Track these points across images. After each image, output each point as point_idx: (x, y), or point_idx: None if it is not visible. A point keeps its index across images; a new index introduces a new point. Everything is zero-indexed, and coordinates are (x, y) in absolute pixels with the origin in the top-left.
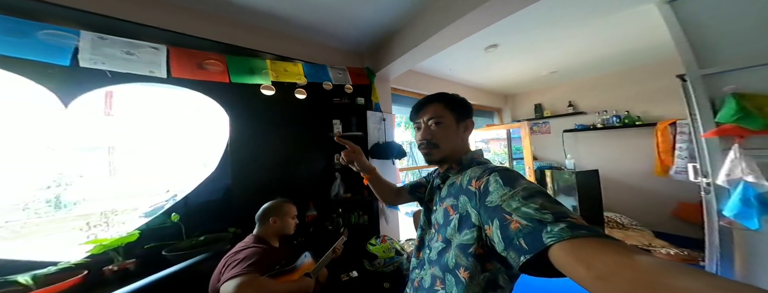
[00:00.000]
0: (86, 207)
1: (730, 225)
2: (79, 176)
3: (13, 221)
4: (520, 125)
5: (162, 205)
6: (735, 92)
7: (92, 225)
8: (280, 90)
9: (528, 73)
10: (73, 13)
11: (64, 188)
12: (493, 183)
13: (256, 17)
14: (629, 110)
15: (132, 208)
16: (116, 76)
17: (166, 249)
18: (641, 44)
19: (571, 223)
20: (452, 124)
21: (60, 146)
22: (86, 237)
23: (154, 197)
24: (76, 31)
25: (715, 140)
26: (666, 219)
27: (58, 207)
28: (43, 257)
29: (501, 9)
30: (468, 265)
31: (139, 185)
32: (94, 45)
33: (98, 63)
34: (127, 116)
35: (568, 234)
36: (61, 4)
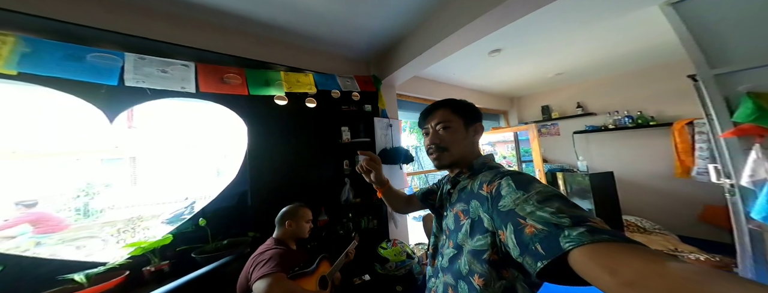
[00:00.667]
0: (112, 215)
1: (761, 229)
2: (105, 185)
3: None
4: (528, 127)
5: (181, 211)
6: (750, 91)
7: (121, 231)
8: (292, 100)
9: (533, 75)
10: (115, 36)
11: (92, 197)
12: (506, 187)
13: (272, 31)
14: (642, 110)
15: (154, 215)
16: (154, 92)
17: (194, 251)
18: (649, 45)
19: (591, 227)
20: (461, 128)
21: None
22: (117, 242)
23: (174, 204)
24: (120, 54)
25: (735, 140)
26: (692, 223)
27: (86, 215)
28: (86, 258)
29: (504, 16)
30: (483, 272)
31: (160, 194)
32: (136, 65)
33: (140, 82)
34: (148, 128)
35: (588, 238)
36: (106, 28)
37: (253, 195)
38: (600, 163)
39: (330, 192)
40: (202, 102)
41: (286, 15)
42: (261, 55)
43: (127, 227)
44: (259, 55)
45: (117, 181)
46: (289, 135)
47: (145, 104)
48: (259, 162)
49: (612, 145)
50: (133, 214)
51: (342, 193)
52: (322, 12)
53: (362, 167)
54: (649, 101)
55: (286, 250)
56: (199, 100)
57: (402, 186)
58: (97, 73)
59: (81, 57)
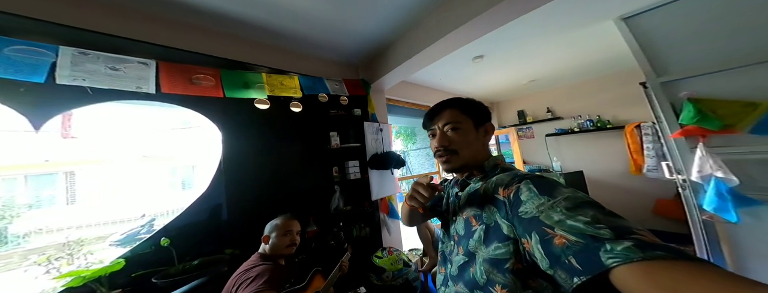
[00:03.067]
0: (42, 240)
1: (712, 219)
2: (27, 206)
3: None
4: (508, 130)
5: (137, 231)
6: (690, 96)
7: (53, 259)
8: (275, 104)
9: (510, 81)
10: (56, 28)
11: (9, 220)
12: (526, 192)
13: (253, 31)
14: (600, 114)
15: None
16: (98, 93)
17: (156, 276)
18: (606, 56)
19: (640, 241)
20: (471, 129)
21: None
22: (47, 272)
23: (127, 223)
24: (53, 47)
25: (682, 140)
26: (648, 216)
27: (4, 242)
28: None
29: (488, 23)
30: (506, 282)
31: (107, 212)
32: (75, 61)
33: (78, 79)
34: (92, 137)
35: (637, 254)
36: (40, 18)
37: (230, 208)
38: (571, 163)
39: (319, 201)
40: (165, 106)
41: (272, 16)
42: (240, 55)
43: (62, 253)
44: (237, 55)
45: (47, 200)
46: (271, 142)
47: (88, 107)
48: (237, 172)
49: (579, 146)
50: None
51: (332, 201)
52: (310, 14)
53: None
54: (605, 107)
55: (274, 266)
56: (160, 103)
57: (393, 191)
58: (13, 68)
59: None
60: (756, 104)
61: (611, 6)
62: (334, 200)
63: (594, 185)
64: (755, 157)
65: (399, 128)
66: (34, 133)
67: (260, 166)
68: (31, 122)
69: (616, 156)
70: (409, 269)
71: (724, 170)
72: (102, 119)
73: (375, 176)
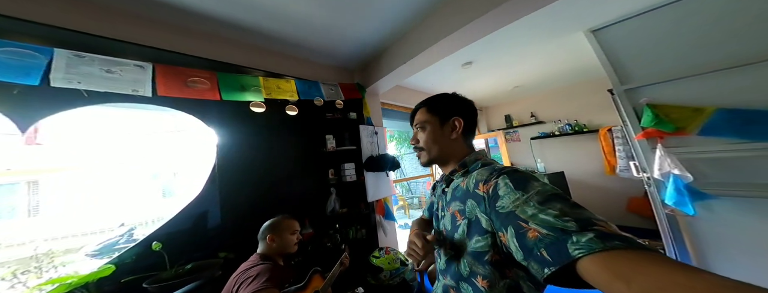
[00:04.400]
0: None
1: (673, 213)
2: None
3: None
4: (496, 134)
5: (115, 241)
6: (648, 102)
7: (18, 273)
8: (270, 107)
9: (497, 87)
10: (51, 30)
11: None
12: (504, 187)
13: (250, 35)
14: (578, 119)
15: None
16: (93, 95)
17: (147, 281)
18: (580, 64)
19: (600, 232)
20: (436, 126)
21: None
22: (11, 287)
23: (101, 234)
24: (48, 49)
25: (644, 141)
26: (623, 214)
27: None
28: None
29: (477, 31)
30: (486, 273)
31: (77, 223)
32: (70, 63)
33: (73, 82)
34: (60, 143)
35: (599, 245)
36: (35, 20)
37: (224, 212)
38: (553, 165)
39: (314, 204)
40: (159, 109)
41: (270, 21)
42: (238, 58)
43: (29, 266)
44: (235, 58)
45: (8, 213)
46: (267, 145)
47: (79, 109)
48: (231, 175)
49: (560, 149)
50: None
51: (327, 204)
52: (306, 20)
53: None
54: (582, 112)
55: (274, 265)
56: (155, 105)
57: (389, 193)
58: (8, 70)
59: None
60: (702, 109)
61: (581, 19)
62: (330, 203)
63: (574, 185)
64: (704, 156)
65: (394, 132)
66: (20, 135)
67: (255, 169)
68: (17, 125)
69: (592, 158)
70: (406, 268)
71: (680, 167)
72: (75, 125)
73: (371, 179)
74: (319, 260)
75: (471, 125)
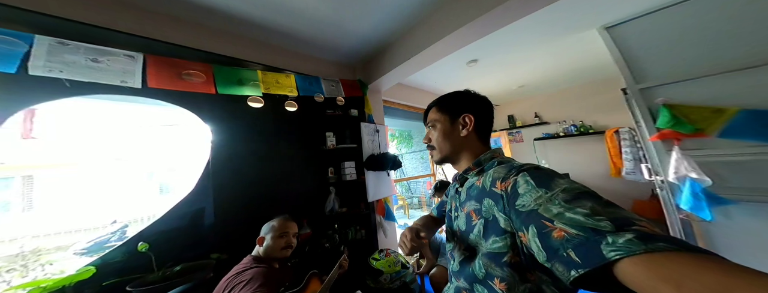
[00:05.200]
0: None
1: (688, 218)
2: None
3: None
4: (500, 134)
5: (107, 238)
6: (665, 102)
7: (4, 270)
8: (269, 102)
9: (502, 86)
10: (33, 16)
11: None
12: (524, 184)
13: (249, 28)
14: (583, 120)
15: (60, 246)
16: (76, 86)
17: (131, 284)
18: (589, 63)
19: (641, 232)
20: (446, 125)
21: None
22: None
23: (94, 231)
24: (28, 36)
25: (659, 143)
26: None
27: None
28: None
29: (482, 28)
30: (504, 276)
31: (71, 219)
32: (52, 51)
33: (54, 71)
34: (53, 137)
35: (640, 247)
36: (17, 6)
37: (217, 211)
38: (557, 166)
39: (313, 203)
40: (149, 102)
41: (270, 13)
42: (236, 51)
43: (15, 264)
44: (231, 51)
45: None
46: (264, 141)
47: (62, 100)
48: (226, 172)
49: (564, 150)
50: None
51: (327, 203)
52: (308, 13)
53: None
54: (587, 112)
55: (268, 269)
56: (145, 98)
57: (390, 193)
58: None
59: None
60: (723, 110)
61: (594, 16)
62: (329, 202)
63: None
64: (724, 159)
65: (396, 130)
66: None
67: (251, 166)
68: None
69: (597, 160)
70: (407, 271)
71: (697, 171)
72: (70, 118)
73: (371, 178)
74: (316, 261)
75: (485, 122)
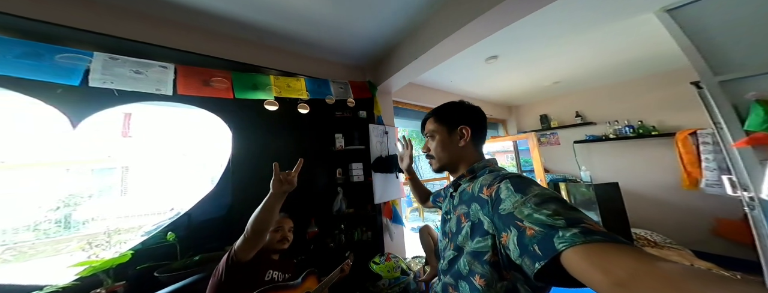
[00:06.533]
0: (95, 227)
1: None
2: (88, 196)
3: (22, 242)
4: (527, 136)
5: (164, 223)
6: (759, 98)
7: (94, 245)
8: (283, 105)
9: (531, 83)
10: (89, 35)
11: (74, 208)
12: (505, 190)
13: (262, 35)
14: (643, 119)
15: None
16: (123, 95)
17: (158, 270)
18: (647, 53)
19: (585, 228)
20: (444, 135)
21: (78, 167)
22: (87, 257)
23: (159, 216)
24: (89, 53)
25: (749, 150)
26: (706, 237)
27: (67, 227)
28: (35, 280)
29: (498, 20)
30: (484, 273)
31: (147, 204)
32: (106, 65)
33: (107, 82)
34: (142, 136)
35: (580, 238)
36: (78, 27)
37: (236, 206)
38: (603, 174)
39: (321, 202)
40: (182, 106)
41: (278, 20)
42: (251, 58)
43: (102, 240)
44: (248, 58)
45: (106, 191)
46: (278, 142)
47: (117, 107)
48: (244, 170)
49: (615, 155)
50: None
51: (334, 203)
52: (314, 17)
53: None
54: (649, 111)
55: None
56: (177, 103)
57: (398, 196)
58: (57, 72)
59: (40, 55)
60: None
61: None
62: (336, 202)
63: (633, 199)
64: None
65: (409, 131)
66: (72, 130)
67: (266, 165)
68: (70, 120)
69: (663, 168)
70: (408, 277)
71: None
72: (150, 120)
73: (379, 180)
74: (319, 260)
75: (480, 132)
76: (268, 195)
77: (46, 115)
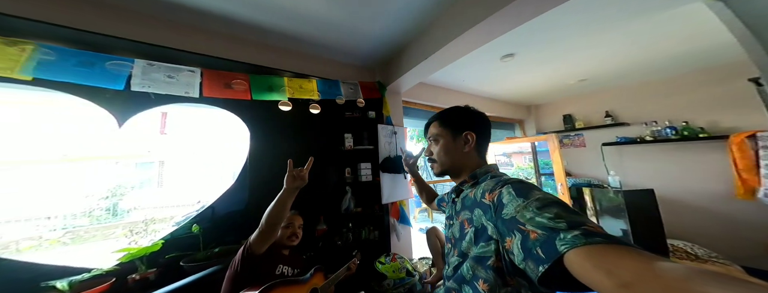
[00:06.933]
0: (136, 216)
1: None
2: (131, 187)
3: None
4: (547, 137)
5: (191, 215)
6: None
7: (134, 232)
8: (295, 105)
9: (553, 82)
10: (130, 43)
11: (120, 197)
12: (507, 195)
13: (278, 38)
14: (688, 120)
15: (169, 217)
16: (158, 97)
17: (184, 259)
18: (695, 45)
19: (586, 230)
20: (449, 140)
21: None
22: (128, 244)
23: (188, 207)
24: (131, 60)
25: None
26: (761, 253)
27: (114, 215)
28: (82, 263)
29: (517, 17)
30: (487, 278)
31: (179, 196)
32: (144, 71)
33: (145, 87)
34: (176, 133)
35: (581, 240)
36: (122, 36)
37: (252, 201)
38: (636, 179)
39: (330, 201)
40: (207, 107)
41: (290, 22)
42: (267, 61)
43: (140, 228)
44: (265, 61)
45: (146, 183)
46: (291, 141)
47: (154, 109)
48: (260, 167)
49: (651, 159)
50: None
51: (343, 202)
52: (324, 19)
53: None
54: (696, 110)
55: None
56: (203, 105)
57: (406, 196)
58: (106, 78)
59: (93, 63)
60: None
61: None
62: (345, 201)
63: (670, 208)
64: None
65: (419, 131)
66: (117, 129)
67: (280, 163)
68: (117, 120)
69: (712, 174)
70: (413, 278)
71: None
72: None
73: (387, 180)
74: (327, 257)
75: (484, 138)
76: (281, 191)
77: (98, 115)
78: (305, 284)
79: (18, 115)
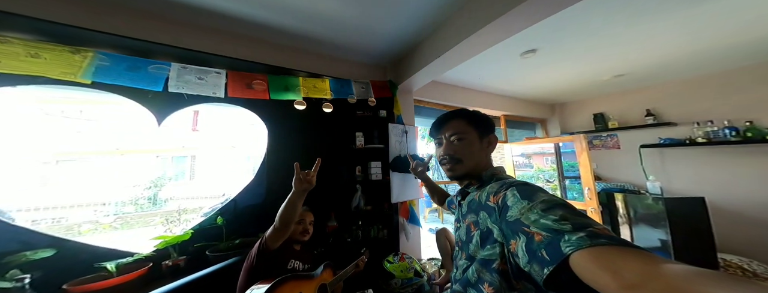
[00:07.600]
0: (172, 205)
1: None
2: (168, 179)
3: (126, 213)
4: (574, 138)
5: (217, 207)
6: None
7: (169, 221)
8: (309, 104)
9: (582, 78)
10: (166, 48)
11: (160, 188)
12: (511, 197)
13: (293, 39)
14: (754, 120)
15: (198, 208)
16: (190, 98)
17: (210, 249)
18: (756, 35)
19: (591, 232)
20: (475, 140)
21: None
22: (164, 231)
23: (214, 199)
24: (168, 64)
25: None
26: None
27: (155, 204)
28: (126, 247)
29: (541, 10)
30: (492, 281)
31: (207, 189)
32: (179, 73)
33: (180, 88)
34: (205, 130)
35: (587, 241)
36: (161, 42)
37: (269, 195)
38: (682, 185)
39: (341, 198)
40: (231, 106)
41: (305, 23)
42: (283, 61)
43: (175, 217)
44: (282, 61)
45: (180, 176)
46: (305, 139)
47: (187, 108)
48: (277, 164)
49: (703, 164)
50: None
51: (353, 200)
52: (338, 18)
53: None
54: (763, 109)
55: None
56: (228, 104)
57: (416, 196)
58: (149, 81)
59: (138, 67)
60: None
61: None
62: (355, 199)
63: (723, 219)
64: None
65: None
66: (157, 127)
67: (295, 160)
68: (157, 118)
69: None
70: (421, 279)
71: None
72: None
73: (396, 179)
74: (336, 253)
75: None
76: (290, 193)
77: (141, 113)
78: (315, 279)
79: (80, 112)
